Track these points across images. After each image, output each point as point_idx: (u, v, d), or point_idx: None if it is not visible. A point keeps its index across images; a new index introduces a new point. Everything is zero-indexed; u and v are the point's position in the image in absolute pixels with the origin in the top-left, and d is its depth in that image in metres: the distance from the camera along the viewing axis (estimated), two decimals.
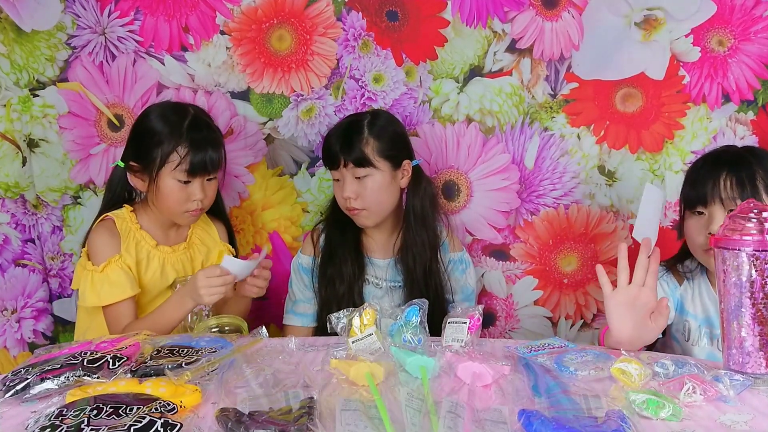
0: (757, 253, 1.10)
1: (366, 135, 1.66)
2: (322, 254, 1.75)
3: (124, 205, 1.63)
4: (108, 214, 1.61)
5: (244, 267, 1.48)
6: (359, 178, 1.65)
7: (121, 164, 1.62)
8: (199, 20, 1.81)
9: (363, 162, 1.65)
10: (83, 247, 1.63)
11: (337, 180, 1.69)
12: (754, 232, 1.11)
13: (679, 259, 1.59)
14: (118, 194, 1.65)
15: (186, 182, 1.54)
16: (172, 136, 1.53)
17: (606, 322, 1.33)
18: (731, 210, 1.36)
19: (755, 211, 1.12)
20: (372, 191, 1.66)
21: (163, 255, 1.63)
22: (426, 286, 1.73)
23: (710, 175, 1.44)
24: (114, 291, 1.53)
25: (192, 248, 1.69)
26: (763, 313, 1.11)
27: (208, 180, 1.58)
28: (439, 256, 1.77)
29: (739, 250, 1.11)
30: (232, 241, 1.79)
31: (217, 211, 1.75)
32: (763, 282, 1.11)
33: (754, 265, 1.10)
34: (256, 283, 1.53)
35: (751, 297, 1.11)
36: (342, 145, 1.66)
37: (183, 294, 1.48)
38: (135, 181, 1.61)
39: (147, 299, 1.62)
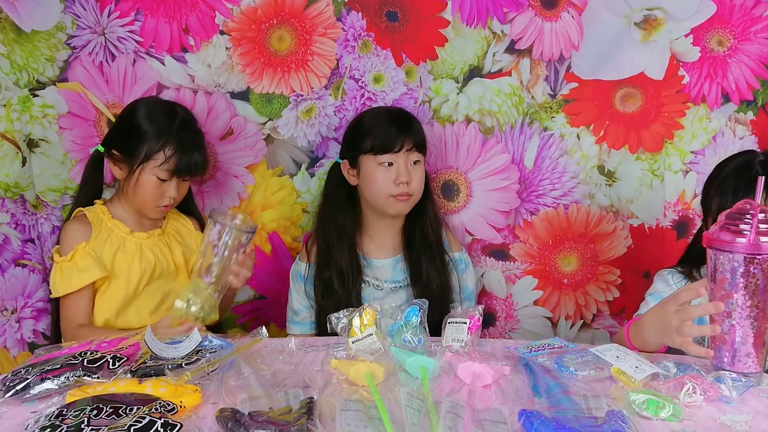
0: (751, 256, 1.09)
1: (418, 124, 1.74)
2: (318, 260, 1.75)
3: (95, 201, 1.68)
4: (80, 209, 1.66)
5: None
6: (413, 163, 1.70)
7: (101, 149, 1.67)
8: (199, 20, 1.80)
9: (422, 146, 1.72)
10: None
11: (389, 164, 1.68)
12: (748, 233, 1.09)
13: (694, 265, 1.54)
14: (91, 183, 1.69)
15: (164, 180, 1.59)
16: (160, 135, 1.58)
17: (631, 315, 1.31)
18: None
19: (751, 213, 1.11)
20: (420, 178, 1.72)
21: (139, 240, 1.66)
22: (433, 283, 1.73)
23: (748, 193, 1.31)
24: (83, 275, 1.58)
25: (168, 236, 1.72)
26: (756, 313, 1.11)
27: (183, 180, 1.64)
28: (443, 253, 1.78)
29: (732, 253, 1.10)
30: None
31: (189, 209, 1.78)
32: (756, 284, 1.10)
33: (749, 268, 1.10)
34: (240, 271, 1.51)
35: (749, 297, 1.11)
36: (403, 129, 1.70)
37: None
38: (113, 169, 1.65)
39: (131, 289, 1.63)
